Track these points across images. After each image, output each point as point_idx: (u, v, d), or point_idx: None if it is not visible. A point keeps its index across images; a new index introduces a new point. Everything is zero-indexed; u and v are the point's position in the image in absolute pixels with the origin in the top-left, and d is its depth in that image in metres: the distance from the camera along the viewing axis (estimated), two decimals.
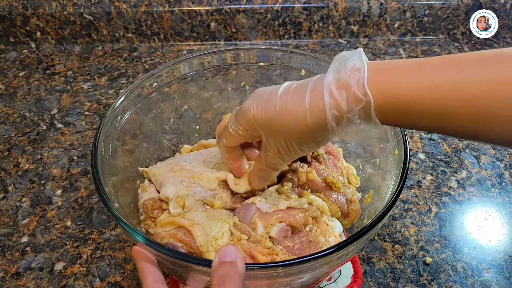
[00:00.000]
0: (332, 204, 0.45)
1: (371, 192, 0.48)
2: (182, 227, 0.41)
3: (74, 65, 0.80)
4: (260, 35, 0.84)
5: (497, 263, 0.51)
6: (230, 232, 0.42)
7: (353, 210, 0.46)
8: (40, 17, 0.81)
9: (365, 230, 0.36)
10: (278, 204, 0.44)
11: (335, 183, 0.45)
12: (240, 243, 0.41)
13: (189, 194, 0.43)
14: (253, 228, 0.42)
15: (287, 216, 0.42)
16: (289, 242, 0.41)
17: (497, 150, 0.64)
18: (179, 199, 0.43)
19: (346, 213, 0.46)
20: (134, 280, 0.49)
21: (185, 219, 0.41)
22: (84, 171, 0.61)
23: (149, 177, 0.48)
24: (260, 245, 0.41)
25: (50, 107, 0.72)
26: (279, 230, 0.42)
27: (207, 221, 0.41)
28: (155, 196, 0.46)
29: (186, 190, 0.44)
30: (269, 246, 0.40)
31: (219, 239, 0.41)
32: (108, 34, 0.83)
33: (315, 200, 0.44)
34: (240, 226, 0.42)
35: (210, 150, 0.50)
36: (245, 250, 0.40)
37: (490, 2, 0.80)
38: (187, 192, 0.43)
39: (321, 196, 0.45)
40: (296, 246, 0.41)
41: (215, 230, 0.41)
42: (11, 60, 0.82)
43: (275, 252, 0.40)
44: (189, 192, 0.43)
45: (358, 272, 0.49)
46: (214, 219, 0.42)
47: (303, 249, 0.40)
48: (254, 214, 0.43)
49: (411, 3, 0.81)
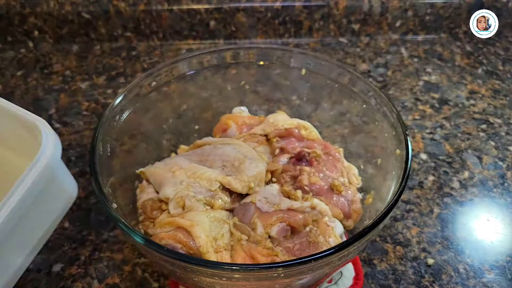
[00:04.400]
0: (334, 207, 0.44)
1: (373, 192, 0.48)
2: (181, 228, 0.40)
3: (72, 64, 0.80)
4: (260, 34, 0.83)
5: (499, 264, 0.50)
6: (230, 232, 0.41)
7: (355, 211, 0.46)
8: (38, 16, 0.80)
9: (366, 230, 0.35)
10: (279, 204, 0.43)
11: (337, 186, 0.45)
12: (240, 243, 0.41)
13: (189, 194, 0.43)
14: (253, 228, 0.42)
15: (287, 216, 0.42)
16: (289, 243, 0.41)
17: (500, 150, 0.64)
18: (179, 199, 0.42)
19: (348, 214, 0.45)
20: (132, 281, 0.49)
21: (185, 219, 0.41)
22: (82, 172, 0.61)
23: (146, 177, 0.48)
24: (260, 246, 0.40)
25: (48, 107, 0.71)
26: (279, 230, 0.41)
27: (207, 221, 0.41)
28: (154, 197, 0.45)
29: (186, 190, 0.43)
30: (269, 247, 0.40)
31: (219, 240, 0.40)
32: (106, 33, 0.83)
33: (318, 205, 0.43)
34: (240, 226, 0.42)
35: (205, 149, 0.49)
36: (245, 250, 0.40)
37: (492, 1, 0.80)
38: (187, 192, 0.43)
39: (322, 198, 0.45)
40: (296, 247, 0.40)
41: (215, 230, 0.41)
42: (8, 59, 0.81)
43: (275, 253, 0.39)
44: (189, 192, 0.43)
45: (359, 273, 0.48)
46: (214, 219, 0.41)
47: (303, 250, 0.40)
48: (254, 214, 0.42)
49: (412, 2, 0.80)
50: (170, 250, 0.35)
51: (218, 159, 0.47)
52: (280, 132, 0.51)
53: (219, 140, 0.50)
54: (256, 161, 0.46)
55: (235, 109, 0.56)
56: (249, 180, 0.44)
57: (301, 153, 0.48)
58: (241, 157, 0.46)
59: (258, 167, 0.45)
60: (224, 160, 0.46)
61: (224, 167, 0.46)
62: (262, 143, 0.51)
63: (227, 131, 0.53)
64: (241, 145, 0.48)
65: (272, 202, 0.43)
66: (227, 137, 0.52)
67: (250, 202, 0.43)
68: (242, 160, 0.46)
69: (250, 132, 0.52)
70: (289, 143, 0.50)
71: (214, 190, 0.43)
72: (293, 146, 0.50)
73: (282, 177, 0.47)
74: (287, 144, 0.50)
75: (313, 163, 0.47)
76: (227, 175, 0.45)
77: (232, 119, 0.53)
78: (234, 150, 0.47)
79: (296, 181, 0.46)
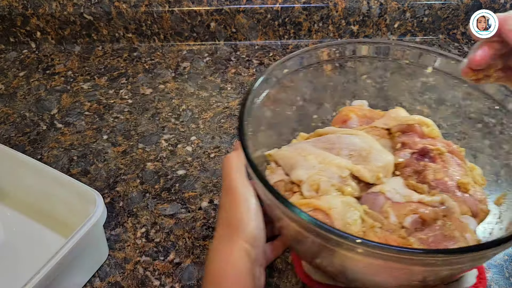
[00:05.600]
0: (462, 204, 0.44)
1: (506, 193, 0.47)
2: (319, 210, 0.41)
3: (74, 65, 0.80)
4: (260, 35, 0.84)
5: (497, 263, 0.51)
6: (361, 219, 0.42)
7: (482, 210, 0.45)
8: (40, 17, 0.81)
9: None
10: (411, 196, 0.43)
11: (465, 184, 0.44)
12: (373, 230, 0.41)
13: (322, 178, 0.43)
14: (385, 217, 0.42)
15: (419, 208, 0.42)
16: (422, 234, 0.41)
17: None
18: (313, 182, 0.43)
19: (476, 213, 0.44)
20: (134, 280, 0.49)
21: (322, 202, 0.41)
22: (84, 171, 0.62)
23: (274, 159, 0.48)
24: (395, 234, 0.40)
25: (50, 107, 0.72)
26: (413, 221, 0.41)
27: (341, 206, 0.41)
28: (285, 178, 0.46)
29: (318, 174, 0.44)
30: (404, 236, 0.40)
31: (352, 225, 0.41)
32: (108, 34, 0.83)
33: (448, 200, 0.43)
34: (372, 214, 0.42)
35: (329, 137, 0.49)
36: (379, 237, 0.40)
37: (490, 2, 0.80)
38: (319, 176, 0.44)
39: (450, 195, 0.44)
40: (430, 239, 0.40)
41: (347, 216, 0.41)
42: (11, 60, 0.82)
43: (409, 243, 0.40)
44: (322, 177, 0.43)
45: (483, 273, 0.48)
46: (346, 204, 0.42)
47: (438, 243, 0.40)
48: (385, 203, 0.43)
49: (411, 3, 0.81)
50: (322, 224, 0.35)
51: (344, 148, 0.47)
52: (402, 127, 0.50)
53: (342, 130, 0.51)
54: (382, 152, 0.47)
55: (355, 101, 0.57)
56: (378, 170, 0.45)
57: (425, 149, 0.47)
58: (367, 147, 0.47)
59: (386, 158, 0.46)
60: (351, 149, 0.47)
61: (351, 155, 0.46)
62: (384, 136, 0.51)
63: (347, 122, 0.53)
64: (365, 136, 0.49)
65: (403, 193, 0.43)
66: (347, 128, 0.52)
67: (379, 192, 0.43)
68: (368, 151, 0.46)
69: (372, 125, 0.52)
70: (411, 139, 0.50)
71: (344, 177, 0.44)
72: (415, 141, 0.49)
73: (405, 171, 0.47)
74: (409, 140, 0.49)
75: (436, 159, 0.47)
76: (355, 164, 0.45)
77: (353, 111, 0.53)
78: (360, 140, 0.48)
79: (419, 176, 0.46)
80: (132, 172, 0.61)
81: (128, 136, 0.67)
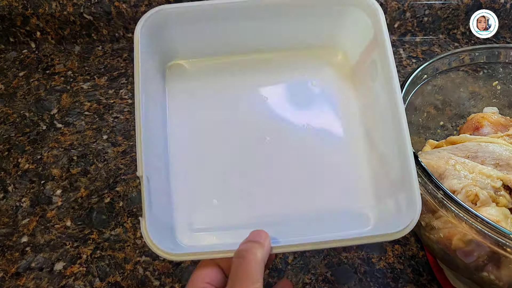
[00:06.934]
0: None
1: None
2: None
3: (74, 65, 0.80)
4: None
5: None
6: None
7: None
8: (40, 17, 0.81)
9: None
10: None
11: None
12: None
13: (477, 188, 0.42)
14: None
15: None
16: None
17: None
18: (470, 192, 0.42)
19: None
20: (134, 280, 0.49)
21: (484, 213, 0.41)
22: (84, 171, 0.62)
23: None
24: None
25: (50, 107, 0.72)
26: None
27: (503, 218, 0.41)
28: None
29: (473, 185, 0.43)
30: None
31: None
32: (108, 34, 0.83)
33: None
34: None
35: (468, 145, 0.48)
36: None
37: (490, 2, 0.80)
38: (474, 187, 0.43)
39: None
40: None
41: (509, 228, 0.40)
42: (11, 60, 0.82)
43: None
44: (477, 188, 0.43)
45: None
46: (505, 216, 0.41)
47: None
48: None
49: (411, 3, 0.81)
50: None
51: (488, 157, 0.46)
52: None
53: (478, 137, 0.50)
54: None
55: (486, 108, 0.56)
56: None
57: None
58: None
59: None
60: (495, 158, 0.45)
61: (497, 165, 0.45)
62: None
63: (479, 130, 0.52)
64: (507, 145, 0.47)
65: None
66: (479, 135, 0.51)
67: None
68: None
69: (509, 133, 0.50)
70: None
71: (498, 188, 0.43)
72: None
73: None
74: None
75: None
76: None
77: (486, 118, 0.52)
78: (502, 149, 0.46)
79: None
80: (132, 172, 0.61)
81: (128, 136, 0.67)
